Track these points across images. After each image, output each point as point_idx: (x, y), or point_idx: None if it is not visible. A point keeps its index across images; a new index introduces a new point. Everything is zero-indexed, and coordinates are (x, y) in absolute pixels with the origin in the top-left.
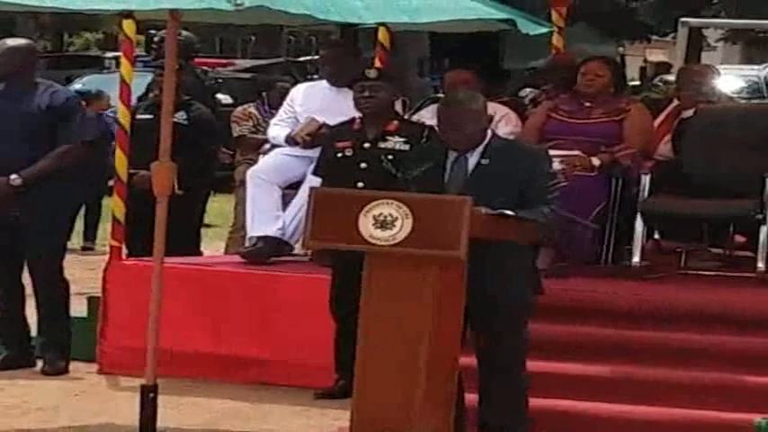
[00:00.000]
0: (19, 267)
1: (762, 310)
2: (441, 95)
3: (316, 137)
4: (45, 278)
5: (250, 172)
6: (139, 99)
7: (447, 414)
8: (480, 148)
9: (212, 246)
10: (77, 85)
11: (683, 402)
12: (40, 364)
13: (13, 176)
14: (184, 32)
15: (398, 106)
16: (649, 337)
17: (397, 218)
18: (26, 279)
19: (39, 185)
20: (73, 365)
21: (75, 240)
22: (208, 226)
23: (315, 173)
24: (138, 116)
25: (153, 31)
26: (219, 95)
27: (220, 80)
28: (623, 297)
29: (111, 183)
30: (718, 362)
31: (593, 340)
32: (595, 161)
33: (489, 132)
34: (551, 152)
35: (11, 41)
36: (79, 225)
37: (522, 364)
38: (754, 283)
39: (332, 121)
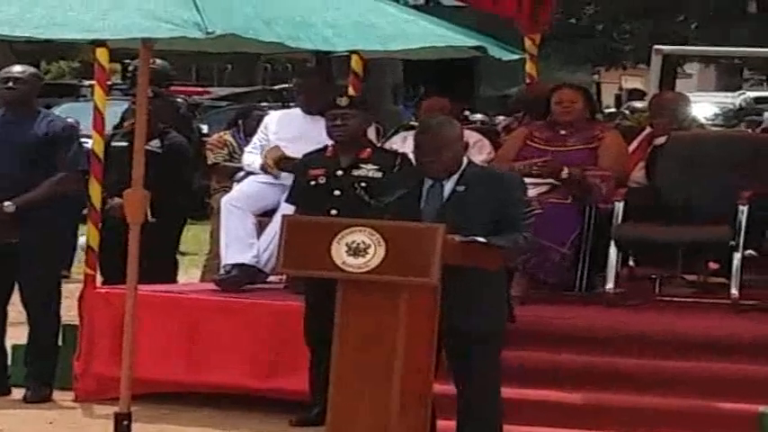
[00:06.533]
0: (6, 295)
1: (736, 336)
2: (415, 123)
3: (280, 162)
4: (41, 307)
5: (224, 200)
6: (115, 128)
7: None
8: (456, 175)
9: (189, 273)
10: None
11: (657, 428)
12: (15, 392)
13: (6, 203)
14: (159, 61)
15: (372, 134)
16: (623, 364)
17: (369, 245)
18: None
19: (34, 212)
20: None
21: None
22: (183, 254)
23: (288, 200)
24: (114, 143)
25: (128, 61)
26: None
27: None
28: (598, 324)
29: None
30: (693, 388)
31: (567, 367)
32: (564, 171)
33: (465, 159)
34: (526, 179)
35: (18, 68)
36: None
37: (496, 391)
38: (727, 309)
39: (306, 149)
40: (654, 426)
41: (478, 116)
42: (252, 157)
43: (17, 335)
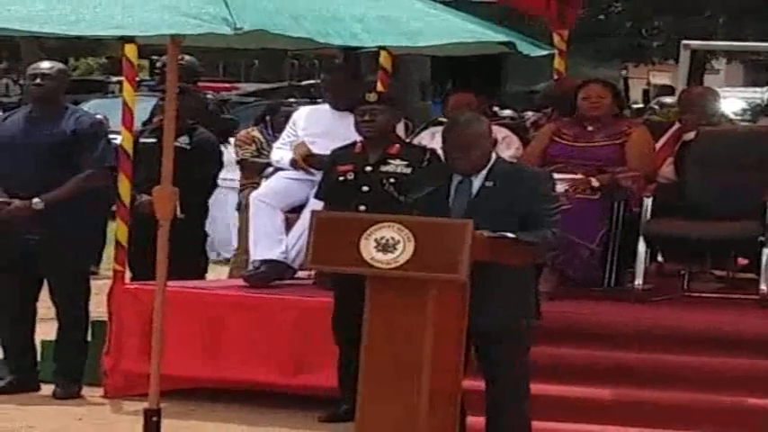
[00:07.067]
0: (35, 292)
1: (765, 332)
2: (443, 119)
3: (307, 159)
4: (69, 303)
5: (252, 196)
6: (144, 124)
7: None
8: (484, 171)
9: (217, 269)
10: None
11: (685, 425)
12: (44, 388)
13: (35, 200)
14: (187, 57)
15: (400, 129)
16: (652, 360)
17: (398, 241)
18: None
19: (58, 209)
20: None
21: None
22: None
23: (317, 196)
24: (143, 140)
25: (156, 57)
26: None
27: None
28: (626, 320)
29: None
30: (721, 384)
31: (596, 363)
32: (594, 182)
33: (494, 155)
34: (555, 175)
35: (46, 65)
36: None
37: (520, 390)
38: (756, 305)
39: (334, 145)
40: (681, 422)
41: (507, 112)
42: (281, 152)
43: (46, 331)
